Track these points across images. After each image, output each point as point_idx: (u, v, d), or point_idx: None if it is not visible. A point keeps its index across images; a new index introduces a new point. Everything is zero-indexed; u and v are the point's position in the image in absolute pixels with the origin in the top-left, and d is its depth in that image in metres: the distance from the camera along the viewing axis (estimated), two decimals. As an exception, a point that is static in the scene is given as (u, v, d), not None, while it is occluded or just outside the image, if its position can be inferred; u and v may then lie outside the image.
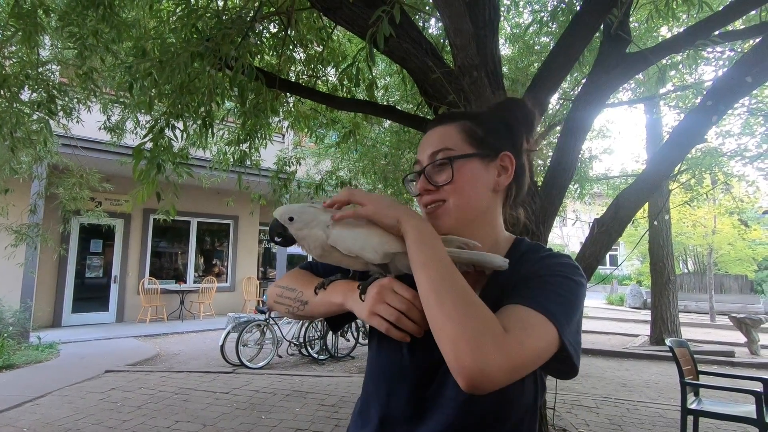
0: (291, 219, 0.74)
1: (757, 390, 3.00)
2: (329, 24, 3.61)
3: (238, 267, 11.08)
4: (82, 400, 4.33)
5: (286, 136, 8.84)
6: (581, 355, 0.70)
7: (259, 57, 3.53)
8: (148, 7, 3.16)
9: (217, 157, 4.89)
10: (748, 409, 3.08)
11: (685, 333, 8.95)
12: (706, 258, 13.99)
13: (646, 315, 9.83)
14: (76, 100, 4.38)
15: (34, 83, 3.29)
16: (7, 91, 3.01)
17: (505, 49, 5.62)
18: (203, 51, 2.41)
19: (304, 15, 3.41)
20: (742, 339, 8.17)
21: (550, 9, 3.75)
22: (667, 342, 3.58)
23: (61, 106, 4.00)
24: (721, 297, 14.36)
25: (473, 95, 2.10)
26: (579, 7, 2.70)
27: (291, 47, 3.61)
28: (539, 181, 2.74)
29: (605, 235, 2.58)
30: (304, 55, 3.82)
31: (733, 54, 4.17)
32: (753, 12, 3.30)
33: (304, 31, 3.51)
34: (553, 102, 5.13)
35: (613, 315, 13.63)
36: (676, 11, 3.28)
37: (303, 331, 6.33)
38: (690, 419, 3.31)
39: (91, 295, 8.97)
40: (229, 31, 2.46)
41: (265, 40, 3.42)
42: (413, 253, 0.66)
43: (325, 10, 2.45)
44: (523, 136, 0.83)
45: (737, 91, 2.22)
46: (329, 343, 6.56)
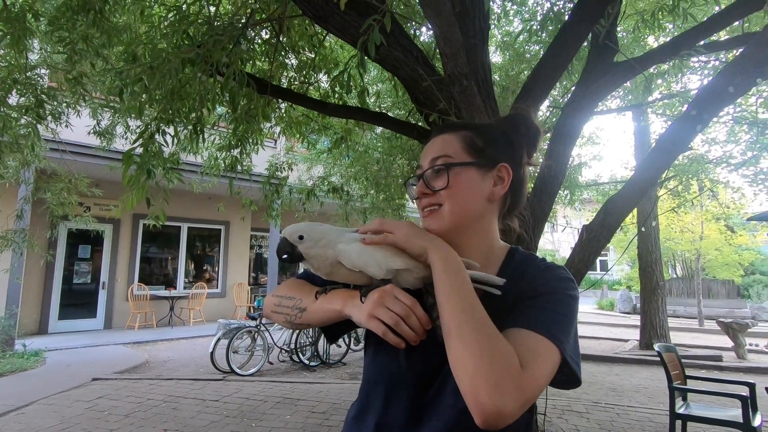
0: (301, 237, 0.76)
1: (744, 394, 3.04)
2: (321, 31, 3.63)
3: (228, 273, 10.99)
4: (69, 409, 4.25)
5: (278, 141, 8.81)
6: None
7: (251, 63, 3.53)
8: (139, 12, 3.16)
9: (208, 163, 4.86)
10: (735, 413, 3.12)
11: (674, 337, 9.05)
12: (694, 263, 14.16)
13: (636, 320, 9.92)
14: (65, 104, 4.34)
15: (23, 87, 3.25)
16: (-6, 96, 2.98)
17: (495, 57, 5.69)
18: (194, 57, 2.41)
19: (296, 22, 3.42)
20: (729, 343, 8.27)
21: (539, 18, 3.81)
22: (656, 347, 3.62)
23: (50, 111, 3.96)
24: (709, 302, 14.54)
25: (463, 103, 2.12)
26: (568, 17, 2.75)
27: (283, 54, 3.62)
28: (529, 188, 2.77)
29: (594, 241, 2.61)
30: (296, 62, 3.84)
31: (718, 63, 4.26)
32: (736, 23, 3.38)
33: (295, 38, 3.52)
34: (543, 109, 5.19)
35: (604, 320, 13.74)
36: (662, 21, 3.35)
37: (294, 338, 6.29)
38: (678, 424, 3.34)
39: (79, 301, 8.83)
40: (221, 38, 2.46)
41: (257, 46, 3.43)
42: (439, 284, 0.69)
43: (316, 18, 2.46)
44: (524, 150, 0.85)
45: (721, 100, 2.27)
46: (320, 350, 6.53)
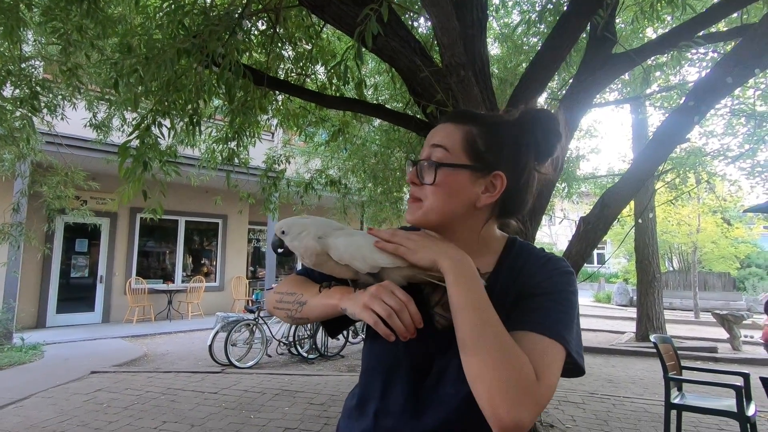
0: (284, 232, 0.80)
1: (738, 384, 3.07)
2: (318, 22, 3.60)
3: (226, 266, 10.99)
4: (67, 402, 4.26)
5: (275, 134, 8.78)
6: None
7: (247, 54, 3.50)
8: (134, 2, 3.12)
9: (206, 155, 4.84)
10: (729, 403, 3.15)
11: (670, 329, 9.11)
12: (690, 256, 14.26)
13: (633, 312, 9.98)
14: (60, 96, 4.30)
15: (17, 79, 3.22)
16: (-12, 87, 2.96)
17: (493, 48, 5.66)
18: (190, 48, 2.39)
19: (293, 13, 3.39)
20: (725, 335, 8.34)
21: (538, 9, 3.78)
22: (652, 338, 3.64)
23: (45, 103, 3.93)
24: (705, 294, 14.64)
25: (461, 94, 2.11)
26: (566, 8, 2.74)
27: (279, 45, 3.59)
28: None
29: (591, 232, 2.62)
30: (293, 53, 3.81)
31: (715, 55, 4.25)
32: (735, 14, 3.37)
33: (292, 29, 3.50)
34: (541, 101, 5.17)
35: (600, 312, 13.82)
36: (661, 13, 3.33)
37: (292, 331, 6.31)
38: (673, 413, 3.37)
39: (77, 295, 8.81)
40: (217, 28, 2.44)
41: (253, 37, 3.40)
42: (452, 295, 0.68)
43: (313, 7, 2.44)
44: (532, 156, 0.79)
45: (718, 91, 2.27)
46: (319, 342, 6.55)
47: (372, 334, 0.84)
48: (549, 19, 3.43)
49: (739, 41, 2.38)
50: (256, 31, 3.50)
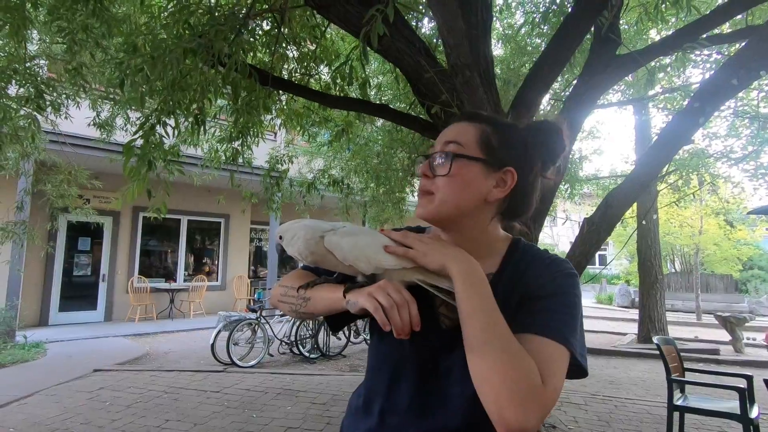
0: (281, 237, 0.83)
1: (741, 386, 3.06)
2: (323, 22, 3.61)
3: (229, 265, 11.00)
4: (70, 400, 4.28)
5: (278, 134, 8.79)
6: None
7: (252, 54, 3.51)
8: (140, 2, 3.13)
9: (209, 155, 4.85)
10: (732, 405, 3.14)
11: (672, 331, 9.09)
12: (692, 258, 14.21)
13: (635, 314, 9.95)
14: (64, 95, 4.31)
15: (22, 78, 3.23)
16: (-6, 86, 2.97)
17: (497, 49, 5.66)
18: (195, 47, 2.40)
19: (298, 13, 3.40)
20: (727, 337, 8.32)
21: (542, 11, 3.78)
22: (654, 340, 3.64)
23: (50, 102, 3.94)
24: (707, 296, 14.60)
25: (466, 95, 2.12)
26: (570, 9, 2.73)
27: (284, 45, 3.59)
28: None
29: (594, 234, 2.62)
30: (298, 53, 3.81)
31: (720, 57, 4.24)
32: (739, 16, 3.36)
33: (297, 29, 3.50)
34: (544, 103, 5.17)
35: (602, 314, 13.79)
36: (665, 14, 3.33)
37: (294, 330, 6.32)
38: (676, 415, 3.37)
39: (79, 293, 8.84)
40: (222, 28, 2.44)
41: (258, 37, 3.40)
42: (460, 300, 0.69)
43: (318, 7, 2.45)
44: (539, 161, 0.82)
45: (723, 93, 2.27)
46: (321, 342, 6.56)
47: (378, 332, 0.84)
48: (553, 20, 3.43)
49: (744, 43, 2.38)
50: (260, 31, 3.50)
